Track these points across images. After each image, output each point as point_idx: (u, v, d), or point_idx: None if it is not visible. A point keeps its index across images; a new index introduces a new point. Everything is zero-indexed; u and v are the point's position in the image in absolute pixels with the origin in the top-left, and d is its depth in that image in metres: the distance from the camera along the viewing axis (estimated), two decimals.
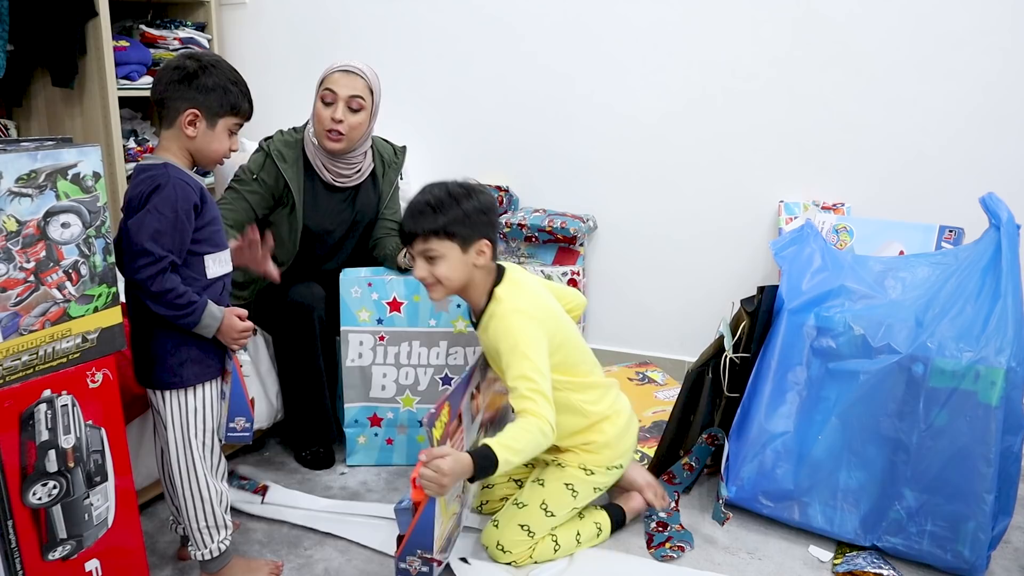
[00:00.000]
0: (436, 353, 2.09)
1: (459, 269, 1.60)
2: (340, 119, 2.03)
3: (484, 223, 1.59)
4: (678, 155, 2.62)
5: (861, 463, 1.75)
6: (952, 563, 1.67)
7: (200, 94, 1.45)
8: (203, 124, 1.47)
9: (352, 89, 2.04)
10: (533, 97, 2.78)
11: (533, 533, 1.70)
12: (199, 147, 1.48)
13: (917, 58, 2.29)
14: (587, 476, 1.75)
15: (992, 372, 1.60)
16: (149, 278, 1.38)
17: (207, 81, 1.45)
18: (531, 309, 1.62)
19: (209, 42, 3.04)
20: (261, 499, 1.95)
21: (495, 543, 1.70)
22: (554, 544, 1.73)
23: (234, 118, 1.51)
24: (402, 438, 2.14)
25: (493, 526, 1.73)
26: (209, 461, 1.54)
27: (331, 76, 2.06)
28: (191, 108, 1.45)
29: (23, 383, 1.27)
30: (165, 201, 1.39)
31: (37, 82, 2.76)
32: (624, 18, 2.60)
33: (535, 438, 1.50)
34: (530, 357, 1.55)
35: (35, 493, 1.30)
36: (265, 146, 2.09)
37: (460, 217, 1.57)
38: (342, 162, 2.14)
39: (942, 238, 2.22)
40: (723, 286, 2.58)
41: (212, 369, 1.52)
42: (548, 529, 1.72)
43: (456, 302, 2.07)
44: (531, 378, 1.54)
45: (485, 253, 1.60)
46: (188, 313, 1.43)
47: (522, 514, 1.72)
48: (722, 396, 1.97)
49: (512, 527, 1.71)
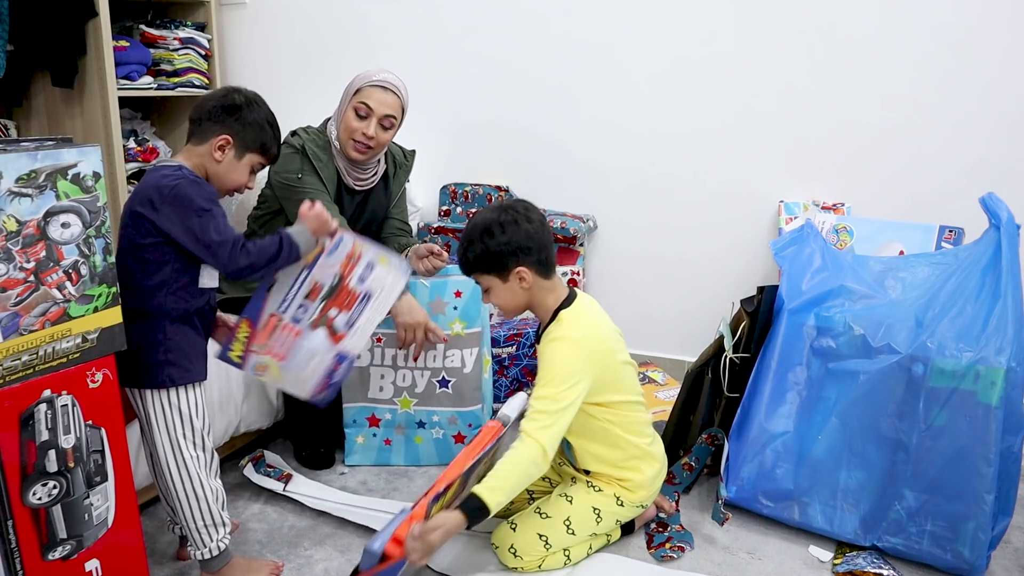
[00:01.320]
0: (432, 356, 2.09)
1: (507, 296, 1.68)
2: (372, 135, 2.03)
3: (514, 252, 1.62)
4: (678, 155, 2.62)
5: (861, 463, 1.75)
6: (952, 563, 1.67)
7: (239, 125, 1.53)
8: (232, 152, 1.54)
9: (388, 108, 2.05)
10: (533, 97, 2.78)
11: (550, 546, 1.68)
12: (220, 172, 1.54)
13: (917, 58, 2.29)
14: (617, 507, 1.74)
15: (992, 372, 1.60)
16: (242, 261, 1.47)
17: (249, 116, 1.55)
18: (582, 340, 1.64)
19: (209, 42, 3.04)
20: (283, 487, 1.99)
21: (508, 545, 1.68)
22: (565, 559, 1.72)
23: (260, 157, 1.58)
24: (400, 439, 2.14)
25: (510, 528, 1.71)
26: (202, 459, 1.54)
27: (367, 89, 2.04)
28: (225, 134, 1.52)
29: (23, 383, 1.27)
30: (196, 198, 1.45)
31: (37, 82, 2.75)
32: (624, 19, 2.60)
33: (526, 470, 1.55)
34: (556, 384, 1.59)
35: (35, 493, 1.30)
36: (298, 145, 2.06)
37: (486, 255, 1.63)
38: (361, 168, 2.14)
39: (942, 238, 2.22)
40: (723, 286, 2.58)
41: (195, 370, 1.53)
42: (565, 545, 1.71)
43: (453, 304, 2.09)
44: (546, 400, 1.58)
45: (525, 279, 1.64)
46: (288, 252, 1.52)
47: (543, 524, 1.70)
48: (722, 396, 1.97)
49: (531, 534, 1.68)
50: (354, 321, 1.65)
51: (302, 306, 1.62)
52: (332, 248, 1.63)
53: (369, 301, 1.66)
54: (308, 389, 1.64)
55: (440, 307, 2.09)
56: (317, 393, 1.64)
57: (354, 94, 2.05)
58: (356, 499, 1.97)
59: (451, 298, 2.10)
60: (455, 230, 2.82)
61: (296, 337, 1.62)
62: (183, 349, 1.50)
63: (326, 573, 1.70)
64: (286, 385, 1.66)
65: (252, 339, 1.61)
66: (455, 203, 2.92)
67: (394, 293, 1.70)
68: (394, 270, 1.70)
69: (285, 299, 1.61)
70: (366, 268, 1.66)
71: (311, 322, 1.62)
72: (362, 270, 1.66)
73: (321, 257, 1.62)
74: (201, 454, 1.53)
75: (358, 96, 2.04)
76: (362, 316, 1.66)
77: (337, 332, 1.64)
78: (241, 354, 1.61)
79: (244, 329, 1.61)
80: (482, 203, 2.87)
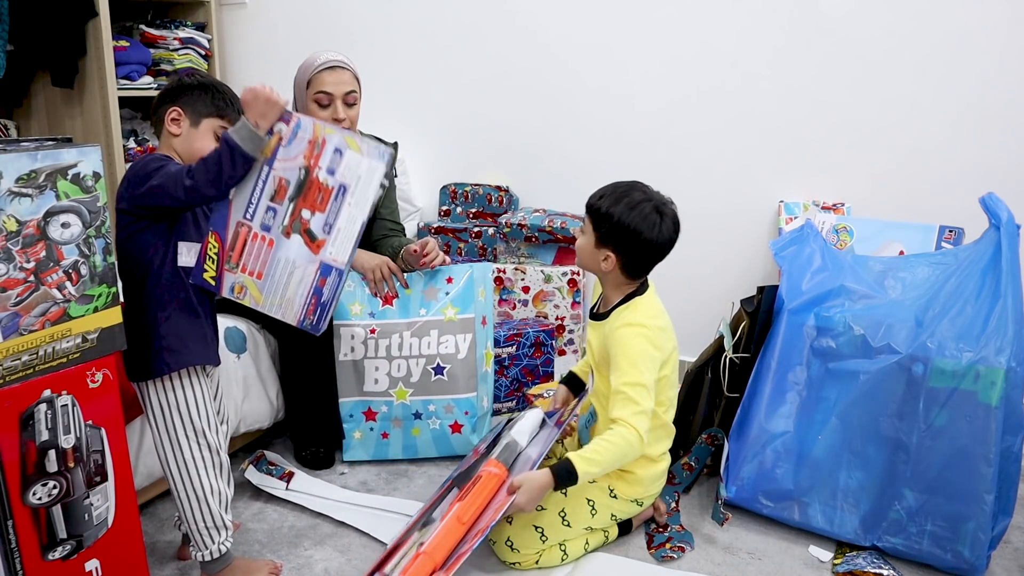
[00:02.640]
0: (427, 343, 2.09)
1: (586, 253, 1.71)
2: (342, 118, 2.05)
3: (618, 236, 1.65)
4: (678, 155, 2.62)
5: (861, 463, 1.75)
6: (952, 563, 1.67)
7: (184, 95, 1.53)
8: (186, 122, 1.53)
9: (344, 85, 2.05)
10: (533, 97, 2.78)
11: (546, 538, 1.69)
12: (185, 146, 1.54)
13: (917, 57, 2.29)
14: (610, 499, 1.74)
15: (992, 372, 1.60)
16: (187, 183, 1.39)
17: (191, 83, 1.54)
18: (659, 333, 1.68)
19: (209, 42, 3.04)
20: (286, 485, 1.99)
21: (505, 539, 1.69)
22: (562, 554, 1.72)
23: (218, 120, 1.55)
24: (397, 432, 2.14)
25: (506, 522, 1.70)
26: (206, 458, 1.53)
27: (317, 77, 2.04)
28: (173, 107, 1.52)
29: (23, 383, 1.27)
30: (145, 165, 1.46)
31: (37, 82, 2.76)
32: (625, 19, 2.60)
33: (620, 449, 1.59)
34: (640, 370, 1.62)
35: (35, 493, 1.30)
36: None
37: (606, 215, 1.65)
38: None
39: (942, 238, 2.22)
40: (723, 286, 2.58)
41: (191, 352, 1.50)
42: (561, 538, 1.71)
43: (445, 290, 2.11)
44: (636, 387, 1.61)
45: (609, 260, 1.68)
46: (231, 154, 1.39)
47: (539, 516, 1.70)
48: (722, 396, 1.97)
49: (527, 527, 1.69)
50: (332, 222, 1.44)
51: (270, 209, 1.44)
52: (290, 135, 1.43)
53: (345, 195, 1.43)
54: (295, 312, 1.48)
55: (432, 294, 2.11)
56: (307, 317, 1.48)
57: (307, 88, 2.06)
58: (357, 498, 1.97)
59: (443, 284, 2.12)
60: (455, 230, 2.82)
61: (271, 248, 1.45)
62: (178, 334, 1.49)
63: (326, 573, 1.70)
64: (270, 308, 1.48)
65: (223, 255, 1.46)
66: (455, 203, 2.92)
67: (373, 184, 1.44)
68: (367, 155, 1.44)
69: (250, 202, 1.44)
70: (335, 155, 1.43)
71: (283, 228, 1.45)
72: (330, 158, 1.43)
73: (280, 148, 1.43)
74: (203, 452, 1.53)
75: (312, 87, 2.05)
76: (340, 215, 1.44)
77: (316, 238, 1.45)
78: (215, 275, 1.47)
79: (213, 244, 1.46)
80: (482, 203, 2.87)
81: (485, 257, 2.80)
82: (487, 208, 2.87)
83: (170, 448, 1.51)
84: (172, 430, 1.51)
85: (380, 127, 2.40)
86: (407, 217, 2.86)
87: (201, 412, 1.53)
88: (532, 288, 2.69)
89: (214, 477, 1.55)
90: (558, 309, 2.69)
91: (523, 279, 2.69)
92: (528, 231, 2.66)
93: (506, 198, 2.84)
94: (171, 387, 1.50)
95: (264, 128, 1.42)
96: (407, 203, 2.87)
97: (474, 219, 2.90)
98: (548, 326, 2.47)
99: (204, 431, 1.53)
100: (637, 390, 1.61)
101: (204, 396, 1.53)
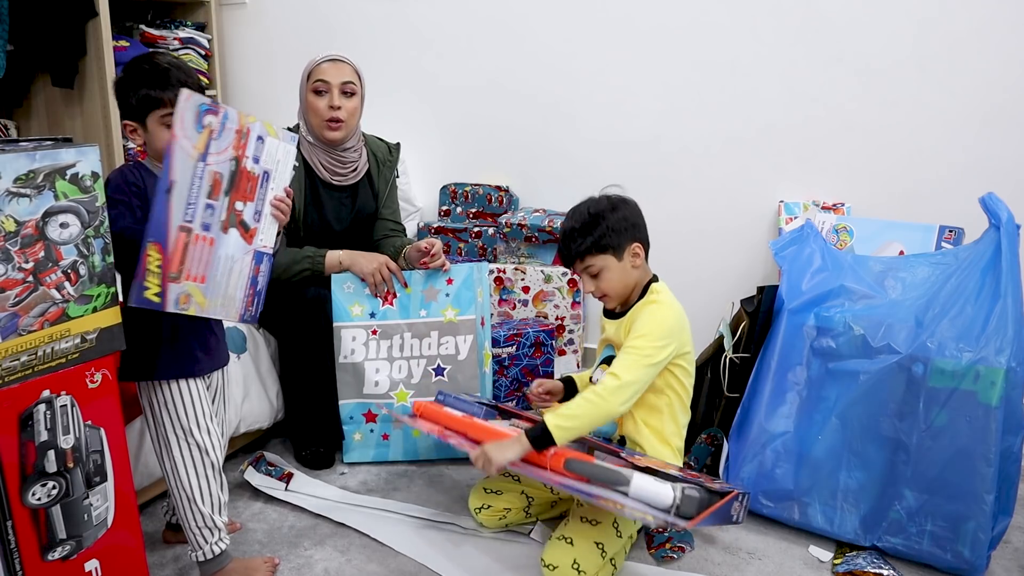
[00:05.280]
0: (428, 344, 2.10)
1: (618, 275, 1.71)
2: (338, 105, 2.07)
3: (630, 228, 1.70)
4: (678, 155, 2.62)
5: (861, 463, 1.75)
6: (952, 563, 1.67)
7: (122, 105, 1.48)
8: (140, 129, 1.48)
9: (343, 75, 2.09)
10: (533, 97, 2.78)
11: (605, 553, 1.60)
12: (151, 151, 1.50)
13: (917, 58, 2.29)
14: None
15: (992, 372, 1.60)
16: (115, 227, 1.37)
17: (120, 91, 1.47)
18: (677, 309, 1.74)
19: (209, 42, 3.04)
20: (285, 486, 1.99)
21: (571, 562, 1.56)
22: (612, 568, 1.65)
23: (158, 111, 1.45)
24: (397, 434, 2.14)
25: (566, 544, 1.60)
26: (196, 459, 1.53)
27: (319, 67, 2.10)
28: (123, 120, 1.49)
29: (22, 383, 1.27)
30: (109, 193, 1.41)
31: (37, 82, 2.76)
32: (625, 19, 2.60)
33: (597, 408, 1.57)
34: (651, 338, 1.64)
35: (34, 493, 1.30)
36: None
37: (606, 231, 1.68)
38: (338, 159, 2.15)
39: (942, 238, 2.22)
40: (723, 286, 2.58)
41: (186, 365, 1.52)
42: (617, 549, 1.64)
43: (445, 291, 2.11)
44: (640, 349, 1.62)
45: (639, 254, 1.71)
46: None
47: (597, 532, 1.62)
48: (722, 396, 1.97)
49: (588, 544, 1.59)
50: (260, 209, 1.48)
51: (209, 207, 1.40)
52: (219, 128, 1.39)
53: (268, 181, 1.49)
54: (236, 308, 1.48)
55: (433, 295, 2.11)
56: (247, 309, 1.50)
57: (308, 79, 2.11)
58: (356, 498, 1.97)
59: (443, 285, 2.12)
60: (455, 230, 2.82)
61: (211, 247, 1.41)
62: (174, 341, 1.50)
63: (326, 573, 1.70)
64: (214, 310, 1.45)
65: (167, 266, 1.35)
66: (455, 203, 2.92)
67: (288, 165, 1.52)
68: (283, 138, 1.51)
69: (189, 203, 1.37)
70: (258, 143, 1.46)
71: (221, 224, 1.42)
72: (254, 146, 1.46)
73: (212, 142, 1.38)
74: (192, 452, 1.52)
75: (312, 77, 2.10)
76: (266, 202, 1.49)
77: (249, 228, 1.47)
78: (159, 290, 1.35)
79: (155, 255, 1.34)
80: (482, 203, 2.87)
81: (485, 257, 2.80)
82: (487, 208, 2.87)
83: (161, 447, 1.53)
84: (161, 428, 1.52)
85: (380, 127, 2.40)
86: (407, 217, 2.85)
87: (190, 412, 1.52)
88: (532, 288, 2.69)
89: (203, 478, 1.54)
90: (558, 309, 2.69)
91: (523, 279, 2.69)
92: (528, 231, 2.66)
93: (506, 198, 2.84)
94: (161, 386, 1.50)
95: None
96: (407, 203, 2.87)
97: (474, 219, 2.90)
98: (548, 326, 2.47)
99: (193, 431, 1.52)
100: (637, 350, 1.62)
101: (195, 396, 1.53)
